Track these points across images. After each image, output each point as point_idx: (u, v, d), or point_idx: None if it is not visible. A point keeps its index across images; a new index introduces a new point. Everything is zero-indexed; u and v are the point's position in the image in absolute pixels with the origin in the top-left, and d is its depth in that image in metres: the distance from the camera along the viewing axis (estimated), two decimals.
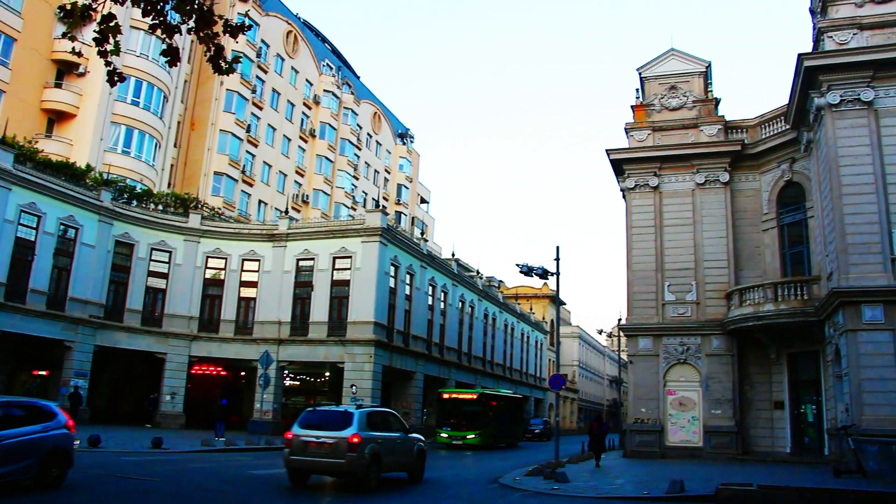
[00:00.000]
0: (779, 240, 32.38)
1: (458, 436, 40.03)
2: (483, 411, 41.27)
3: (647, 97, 36.04)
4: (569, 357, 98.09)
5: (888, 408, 22.67)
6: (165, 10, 8.78)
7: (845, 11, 26.93)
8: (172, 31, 8.87)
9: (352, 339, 40.49)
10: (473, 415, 40.60)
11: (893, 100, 25.46)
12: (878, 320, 23.48)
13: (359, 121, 74.12)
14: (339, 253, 42.03)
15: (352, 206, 69.84)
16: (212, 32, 9.05)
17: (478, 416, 40.69)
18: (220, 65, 9.21)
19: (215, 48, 9.07)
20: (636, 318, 33.50)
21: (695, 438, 31.51)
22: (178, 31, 8.98)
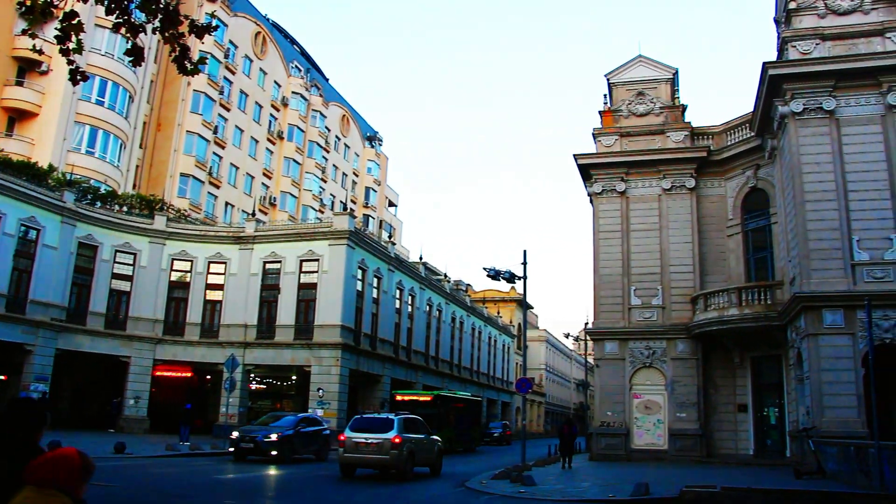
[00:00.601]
0: (743, 245, 32.79)
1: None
2: (438, 414, 38.48)
3: (614, 103, 36.32)
4: (536, 361, 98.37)
5: (847, 410, 23.08)
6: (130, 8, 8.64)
7: (808, 22, 27.38)
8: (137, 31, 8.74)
9: (318, 343, 40.25)
10: (428, 418, 37.51)
11: (854, 109, 25.93)
12: (839, 325, 23.89)
13: (327, 123, 73.81)
14: (306, 256, 41.80)
15: (319, 208, 69.50)
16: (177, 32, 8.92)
17: (433, 419, 36.54)
18: (185, 65, 9.09)
19: (181, 49, 8.94)
20: (603, 322, 33.72)
21: (660, 441, 31.77)
22: (142, 30, 8.85)
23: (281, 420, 29.21)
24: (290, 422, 28.74)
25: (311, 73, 73.72)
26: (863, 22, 26.89)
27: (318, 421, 30.73)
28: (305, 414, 32.01)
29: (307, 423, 29.48)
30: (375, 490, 19.48)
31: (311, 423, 29.82)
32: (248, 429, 28.67)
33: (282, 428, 27.71)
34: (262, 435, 26.85)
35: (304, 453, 28.59)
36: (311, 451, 29.09)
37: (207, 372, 44.94)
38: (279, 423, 28.42)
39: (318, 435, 29.80)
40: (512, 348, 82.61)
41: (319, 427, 30.29)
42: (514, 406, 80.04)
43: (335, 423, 38.79)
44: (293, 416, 30.36)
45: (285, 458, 26.58)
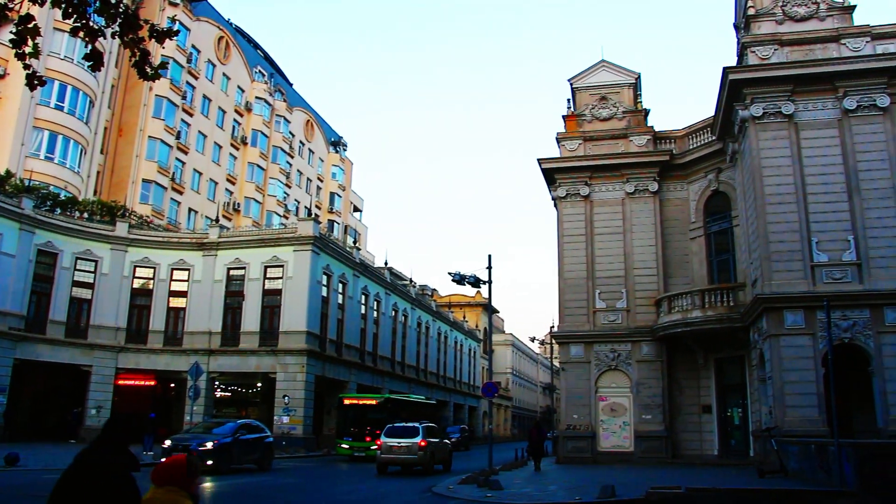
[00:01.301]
0: (706, 248, 33.18)
1: (362, 447, 35.01)
2: (389, 419, 35.37)
3: (578, 107, 36.57)
4: (502, 364, 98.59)
5: (808, 409, 23.44)
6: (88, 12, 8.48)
7: (767, 28, 27.82)
8: (95, 35, 8.58)
9: (284, 349, 40.00)
10: (379, 422, 34.70)
11: (812, 113, 26.39)
12: (800, 325, 24.26)
13: (291, 128, 73.38)
14: (270, 262, 41.53)
15: (284, 214, 69.03)
16: (137, 37, 8.77)
17: (382, 424, 34.12)
18: (145, 70, 8.93)
19: (141, 53, 8.80)
20: (568, 326, 33.89)
21: (626, 443, 31.98)
22: (101, 34, 8.69)
23: (219, 427, 27.37)
24: (228, 429, 26.80)
25: (274, 77, 73.27)
26: (819, 28, 27.38)
27: (260, 427, 28.96)
28: (246, 420, 30.26)
29: (248, 430, 27.60)
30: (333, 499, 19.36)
31: (252, 430, 27.96)
32: (181, 437, 26.82)
33: (219, 435, 25.87)
34: (196, 443, 24.77)
35: (245, 462, 26.86)
36: (252, 461, 27.23)
37: (171, 380, 44.42)
38: (217, 431, 26.63)
39: (260, 443, 27.92)
40: (478, 352, 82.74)
41: (262, 434, 28.44)
42: (481, 410, 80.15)
43: (301, 429, 38.55)
44: (232, 422, 28.22)
45: (222, 468, 24.61)
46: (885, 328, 23.87)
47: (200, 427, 28.76)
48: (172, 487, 4.76)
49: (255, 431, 28.22)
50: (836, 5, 27.69)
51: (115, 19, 8.48)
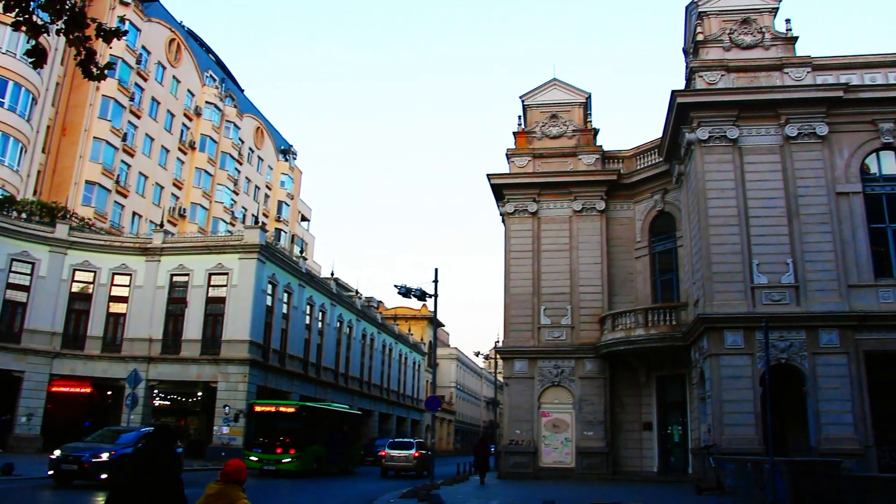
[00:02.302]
0: (650, 267, 33.65)
1: (272, 459, 31.99)
2: (305, 429, 33.35)
3: (529, 124, 36.88)
4: (446, 378, 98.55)
5: (746, 427, 23.88)
6: (31, 7, 8.26)
7: (714, 54, 28.45)
8: (39, 31, 8.35)
9: (226, 358, 39.40)
10: (293, 433, 32.58)
11: (755, 139, 27.03)
12: (739, 345, 24.75)
13: (241, 135, 72.60)
14: (215, 269, 40.92)
15: (231, 221, 68.14)
16: (83, 36, 8.56)
17: (298, 434, 32.71)
18: (90, 70, 8.72)
19: (86, 52, 8.58)
20: (512, 341, 34.02)
21: (567, 459, 32.14)
22: (45, 31, 8.47)
23: (121, 436, 24.12)
24: (130, 438, 23.47)
25: (225, 83, 72.46)
26: (764, 57, 28.11)
27: None
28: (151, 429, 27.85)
29: None
30: None
31: None
32: (73, 446, 23.30)
33: (119, 445, 22.66)
34: (90, 454, 21.83)
35: None
36: None
37: (108, 387, 43.28)
38: (118, 440, 23.47)
39: None
40: (423, 366, 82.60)
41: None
42: (424, 424, 79.94)
43: (241, 440, 37.93)
44: (136, 431, 25.03)
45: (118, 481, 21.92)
46: (820, 349, 24.48)
47: (101, 435, 25.12)
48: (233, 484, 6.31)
49: None
50: (779, 36, 28.46)
51: (61, 16, 8.28)
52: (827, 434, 23.65)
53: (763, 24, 28.63)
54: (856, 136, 26.79)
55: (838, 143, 26.74)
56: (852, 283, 25.25)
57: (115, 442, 23.27)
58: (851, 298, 25.04)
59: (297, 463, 32.01)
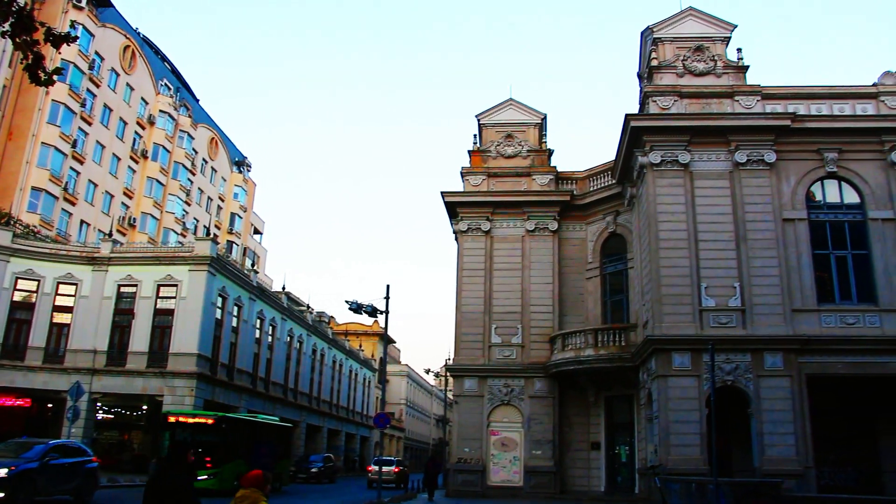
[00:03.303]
0: (601, 288, 34.02)
1: None
2: (225, 442, 30.51)
3: (484, 143, 37.13)
4: (396, 395, 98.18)
5: (691, 448, 24.21)
6: None
7: (668, 80, 29.02)
8: None
9: (173, 371, 38.69)
10: (210, 447, 29.62)
11: (706, 164, 27.59)
12: (686, 367, 25.12)
13: (195, 145, 71.72)
14: (164, 281, 40.22)
15: (182, 232, 67.15)
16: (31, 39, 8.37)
17: (216, 448, 29.77)
18: (38, 75, 8.53)
19: (34, 57, 8.38)
20: (463, 359, 34.05)
21: (516, 478, 32.20)
22: None
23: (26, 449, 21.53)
24: (36, 451, 21.13)
25: (180, 92, 71.56)
26: (716, 84, 28.74)
27: (81, 450, 23.31)
28: (62, 441, 25.16)
29: (62, 454, 21.95)
30: None
31: (68, 454, 22.35)
32: None
33: (21, 460, 20.40)
34: None
35: (57, 493, 21.61)
36: (66, 491, 21.88)
37: (49, 400, 42.14)
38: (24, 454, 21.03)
39: (80, 469, 22.30)
40: (373, 382, 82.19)
41: (82, 458, 22.72)
42: (373, 440, 79.45)
43: None
44: (43, 444, 22.34)
45: (19, 501, 19.50)
46: (765, 372, 24.97)
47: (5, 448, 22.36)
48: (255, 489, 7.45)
49: (74, 455, 22.67)
50: (731, 64, 29.15)
51: (7, 18, 8.10)
52: (770, 455, 24.10)
53: (716, 53, 29.31)
54: (802, 165, 27.53)
55: (785, 170, 27.44)
56: (796, 307, 25.84)
57: (21, 456, 20.78)
58: (795, 322, 25.63)
59: (213, 481, 28.66)
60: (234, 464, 29.95)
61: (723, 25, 29.65)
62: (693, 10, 29.87)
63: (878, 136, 27.40)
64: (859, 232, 27.07)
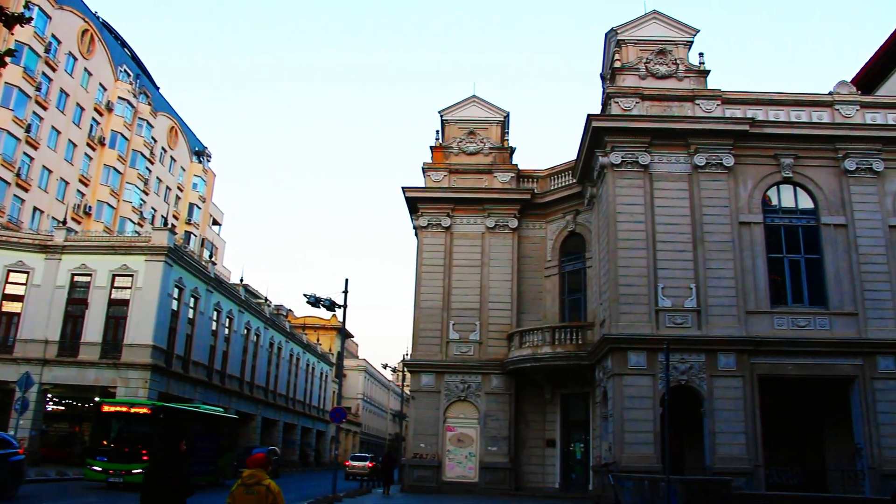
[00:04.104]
0: (559, 286, 34.27)
1: (120, 469, 26.90)
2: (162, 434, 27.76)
3: (446, 140, 37.16)
4: (353, 390, 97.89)
5: (645, 446, 24.51)
6: None
7: (630, 81, 29.27)
8: None
9: (127, 363, 38.13)
10: (147, 438, 27.61)
11: (665, 166, 27.90)
12: (642, 366, 25.40)
13: (154, 133, 70.53)
14: (119, 270, 39.60)
15: (139, 221, 66.08)
16: None
17: (154, 440, 27.41)
18: None
19: None
20: (420, 355, 34.08)
21: (471, 474, 32.32)
22: None
23: None
24: None
25: (140, 79, 70.33)
26: (677, 87, 29.07)
27: (6, 442, 21.13)
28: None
29: None
30: None
31: None
32: None
33: None
34: None
35: None
36: None
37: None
38: None
39: (2, 463, 20.20)
40: (330, 376, 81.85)
41: (6, 451, 20.55)
42: (329, 435, 79.17)
43: None
44: None
45: None
46: (718, 372, 25.37)
47: None
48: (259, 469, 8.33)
49: None
50: (693, 68, 29.50)
51: None
52: (721, 454, 24.50)
53: (678, 56, 29.64)
54: (759, 169, 27.99)
55: (743, 174, 27.87)
56: (750, 309, 26.28)
57: None
58: (749, 324, 26.06)
59: None
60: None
61: (686, 30, 29.99)
62: (657, 14, 30.17)
63: (832, 144, 27.96)
64: (812, 237, 27.62)
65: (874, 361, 25.69)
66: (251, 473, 8.47)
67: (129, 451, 27.47)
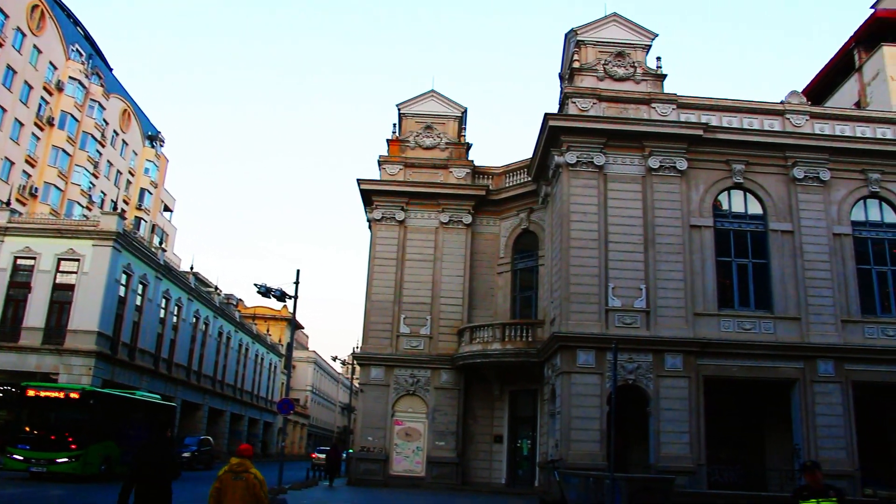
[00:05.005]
0: (511, 283, 34.44)
1: (43, 458, 25.56)
2: (93, 421, 27.03)
3: (403, 133, 37.07)
4: (302, 382, 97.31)
5: (591, 444, 24.77)
6: None
7: (588, 82, 29.49)
8: None
9: (70, 349, 37.31)
10: (75, 425, 26.36)
11: (620, 167, 28.16)
12: (590, 364, 25.64)
13: (106, 116, 68.94)
14: (66, 255, 38.69)
15: (87, 205, 64.57)
16: None
17: (82, 427, 26.42)
18: None
19: None
20: (371, 348, 33.98)
21: (418, 468, 32.36)
22: None
23: None
24: None
25: (93, 59, 68.72)
26: (634, 90, 29.36)
27: None
28: None
29: None
30: None
31: None
32: None
33: None
34: None
35: None
36: None
37: None
38: None
39: None
40: (279, 367, 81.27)
41: None
42: (277, 427, 78.58)
43: None
44: None
45: None
46: (665, 372, 25.73)
47: None
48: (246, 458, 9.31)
49: None
50: (650, 72, 29.83)
51: None
52: (665, 452, 24.87)
53: (636, 59, 29.94)
54: (711, 174, 28.42)
55: (695, 178, 28.27)
56: (698, 311, 26.70)
57: None
58: (696, 326, 26.47)
59: (76, 464, 25.76)
60: (102, 445, 27.48)
61: (644, 33, 30.31)
62: (617, 17, 30.44)
63: (782, 152, 28.51)
64: (760, 242, 28.15)
65: (814, 365, 26.32)
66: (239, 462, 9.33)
67: (56, 438, 26.05)
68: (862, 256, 28.24)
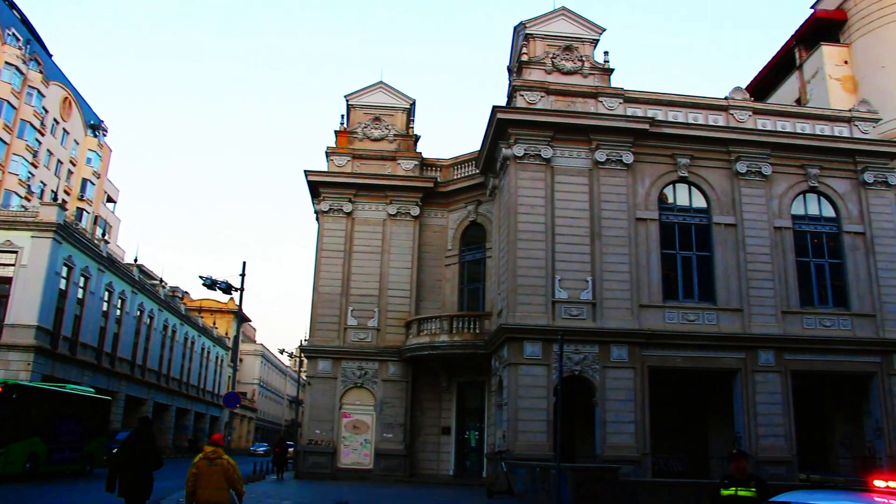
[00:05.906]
0: (459, 275, 34.49)
1: None
2: (15, 416, 25.69)
3: (351, 124, 36.83)
4: (249, 375, 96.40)
5: (538, 435, 24.95)
6: None
7: (536, 75, 29.63)
8: None
9: (8, 344, 36.37)
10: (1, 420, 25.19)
11: (567, 160, 28.34)
12: (537, 356, 25.81)
13: (45, 103, 67.11)
14: (2, 246, 37.66)
15: (26, 196, 62.86)
16: None
17: (2, 423, 25.02)
18: None
19: None
20: (318, 341, 33.75)
21: (366, 461, 32.27)
22: None
23: None
24: None
25: (31, 44, 66.78)
26: (582, 84, 29.57)
27: None
28: None
29: None
30: None
31: None
32: None
33: None
34: None
35: None
36: None
37: None
38: None
39: None
40: (226, 361, 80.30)
41: None
42: (223, 421, 77.68)
43: None
44: None
45: None
46: (610, 363, 26.04)
47: None
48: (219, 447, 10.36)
49: None
50: (597, 66, 30.08)
51: None
52: (611, 442, 25.19)
53: (584, 53, 30.16)
54: (657, 168, 28.79)
55: (641, 172, 28.61)
56: (643, 303, 27.05)
57: None
58: (641, 317, 26.82)
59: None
60: (28, 442, 26.23)
61: (593, 28, 30.54)
62: (566, 11, 30.61)
63: (726, 147, 29.01)
64: (704, 235, 28.63)
65: (755, 355, 26.90)
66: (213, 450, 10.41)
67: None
68: (801, 249, 28.94)
